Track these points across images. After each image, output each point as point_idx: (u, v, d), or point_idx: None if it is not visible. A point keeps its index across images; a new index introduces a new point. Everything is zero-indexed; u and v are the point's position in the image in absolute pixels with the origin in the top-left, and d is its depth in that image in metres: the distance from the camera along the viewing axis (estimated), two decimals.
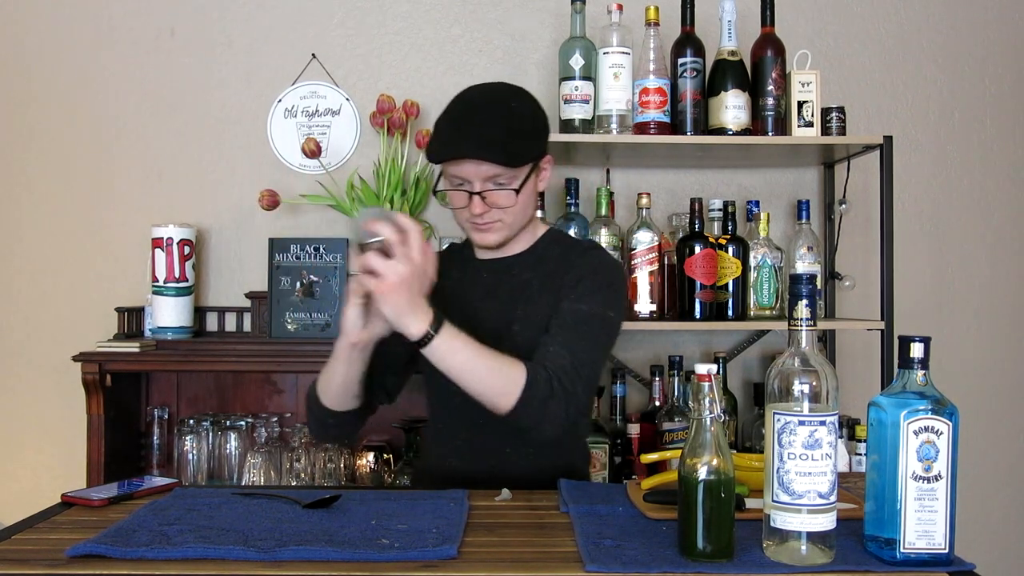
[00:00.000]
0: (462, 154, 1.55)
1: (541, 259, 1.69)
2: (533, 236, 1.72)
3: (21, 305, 2.60)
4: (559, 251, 1.70)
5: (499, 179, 1.56)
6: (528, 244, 1.71)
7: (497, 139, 1.54)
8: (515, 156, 1.55)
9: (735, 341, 2.62)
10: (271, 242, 2.46)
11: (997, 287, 2.72)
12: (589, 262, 1.66)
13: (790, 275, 1.19)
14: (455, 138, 1.56)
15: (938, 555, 1.09)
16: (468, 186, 1.57)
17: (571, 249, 1.71)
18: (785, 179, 2.67)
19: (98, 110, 2.60)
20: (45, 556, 1.14)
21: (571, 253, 1.69)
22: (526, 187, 1.59)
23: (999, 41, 2.72)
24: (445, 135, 1.58)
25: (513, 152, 1.55)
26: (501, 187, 1.57)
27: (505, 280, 1.69)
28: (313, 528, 1.23)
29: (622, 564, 1.09)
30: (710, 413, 1.12)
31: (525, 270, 1.68)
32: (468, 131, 1.55)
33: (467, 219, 1.62)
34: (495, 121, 1.57)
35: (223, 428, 2.39)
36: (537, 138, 1.62)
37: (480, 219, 1.59)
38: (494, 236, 1.63)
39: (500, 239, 1.64)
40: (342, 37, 2.61)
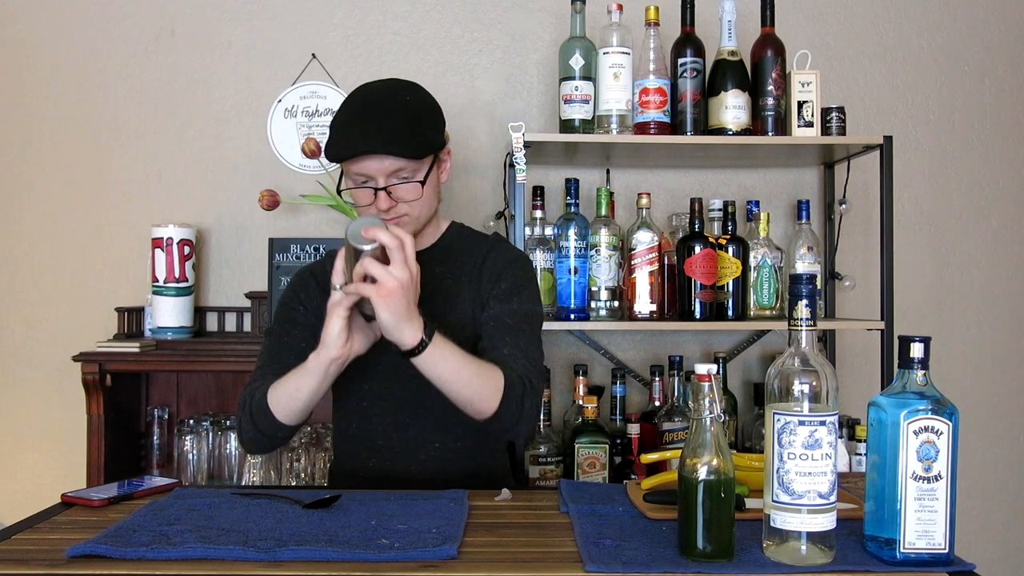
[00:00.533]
0: (364, 150, 1.54)
1: (449, 252, 1.70)
2: (437, 230, 1.73)
3: (21, 305, 2.60)
4: (466, 244, 1.72)
5: (402, 173, 1.56)
6: (434, 238, 1.72)
7: (398, 132, 1.54)
8: (417, 148, 1.56)
9: (735, 341, 2.62)
10: (271, 242, 2.46)
11: (997, 287, 2.72)
12: (504, 257, 1.69)
13: (790, 275, 1.19)
14: (355, 135, 1.55)
15: (938, 555, 1.09)
16: (372, 183, 1.57)
17: (478, 242, 1.73)
18: (785, 179, 2.67)
19: (98, 110, 2.60)
20: (45, 556, 1.14)
21: (480, 246, 1.71)
22: (430, 179, 1.60)
23: (999, 41, 2.72)
24: (344, 133, 1.57)
25: (415, 144, 1.55)
26: (405, 180, 1.57)
27: None
28: (313, 528, 1.23)
29: (622, 564, 1.09)
30: (710, 413, 1.12)
31: (434, 264, 1.68)
32: (368, 127, 1.55)
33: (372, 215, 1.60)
34: (393, 115, 1.57)
35: (223, 428, 2.39)
36: (437, 128, 1.63)
37: (387, 214, 1.58)
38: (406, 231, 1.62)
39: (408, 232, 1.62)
40: (342, 37, 2.61)
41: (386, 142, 1.53)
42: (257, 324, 2.49)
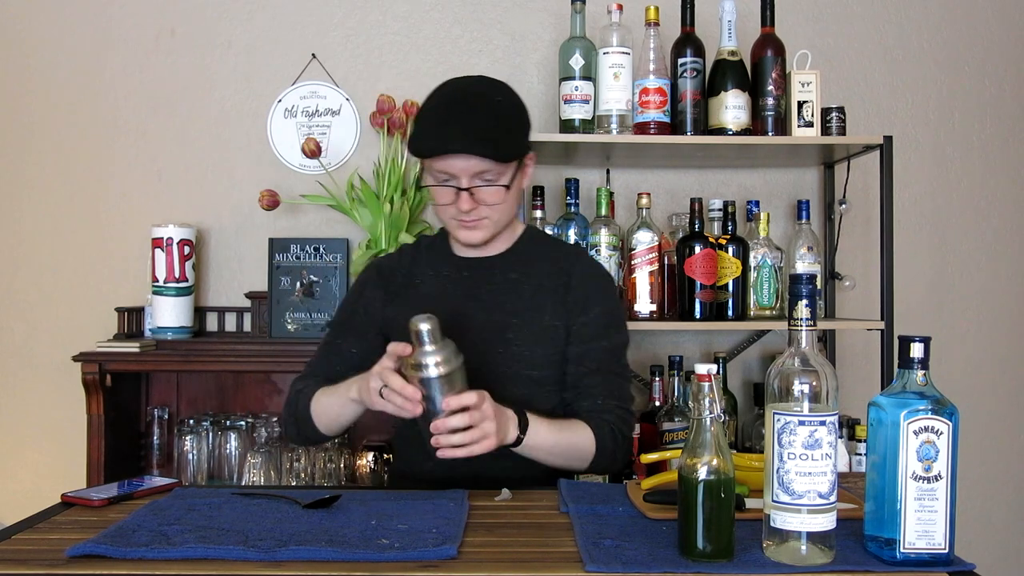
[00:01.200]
0: (451, 149, 1.51)
1: (526, 259, 1.67)
2: (513, 234, 1.70)
3: (21, 305, 2.60)
4: (543, 251, 1.69)
5: (487, 175, 1.53)
6: (510, 243, 1.69)
7: (487, 133, 1.51)
8: (505, 151, 1.52)
9: (735, 341, 2.62)
10: (271, 242, 2.46)
11: (997, 287, 2.72)
12: (591, 280, 1.66)
13: (790, 275, 1.19)
14: (443, 133, 1.52)
15: (938, 555, 1.09)
16: (455, 182, 1.54)
17: (558, 251, 1.70)
18: (785, 179, 2.67)
19: (98, 110, 2.60)
20: (45, 556, 1.14)
21: (560, 256, 1.68)
22: (514, 184, 1.57)
23: (999, 41, 2.72)
24: (431, 129, 1.54)
25: (502, 147, 1.52)
26: (489, 183, 1.54)
27: (489, 280, 1.65)
28: (313, 528, 1.23)
29: (622, 564, 1.09)
30: (710, 413, 1.12)
31: (510, 271, 1.65)
32: (456, 125, 1.51)
33: (452, 216, 1.58)
34: (483, 115, 1.53)
35: (223, 428, 2.39)
36: (524, 133, 1.60)
37: (467, 216, 1.56)
38: (480, 233, 1.60)
39: (487, 236, 1.61)
40: (342, 37, 2.61)
41: (474, 143, 1.50)
42: (257, 324, 2.49)
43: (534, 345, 1.60)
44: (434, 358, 1.31)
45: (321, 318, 2.42)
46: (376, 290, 1.69)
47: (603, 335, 1.62)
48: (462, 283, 1.66)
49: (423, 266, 1.69)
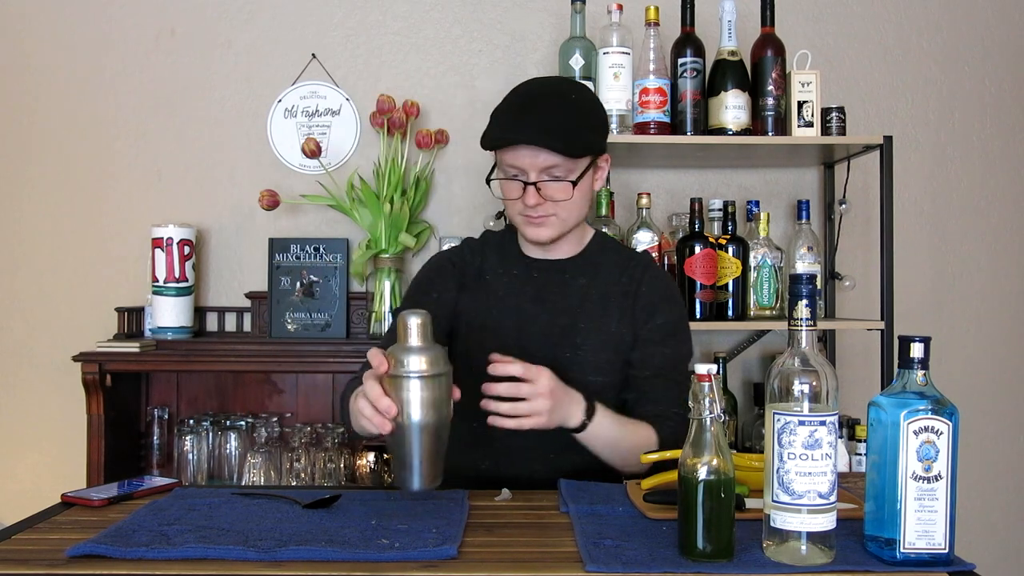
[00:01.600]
0: (520, 140, 1.49)
1: (594, 265, 1.66)
2: (583, 239, 1.68)
3: (21, 305, 2.60)
4: (613, 259, 1.68)
5: (555, 171, 1.52)
6: (579, 247, 1.67)
7: (557, 128, 1.50)
8: (574, 146, 1.51)
9: (735, 341, 2.62)
10: (271, 242, 2.46)
11: (997, 287, 2.72)
12: (660, 289, 1.65)
13: (790, 275, 1.19)
14: (514, 125, 1.51)
15: (938, 555, 1.09)
16: (523, 176, 1.53)
17: (627, 259, 1.69)
18: (785, 179, 2.67)
19: (98, 110, 2.60)
20: (45, 556, 1.14)
21: (630, 265, 1.67)
22: (583, 182, 1.55)
23: (999, 41, 2.72)
24: (503, 122, 1.53)
25: (572, 142, 1.50)
26: (557, 179, 1.52)
27: (558, 283, 1.64)
28: (313, 528, 1.23)
29: (622, 564, 1.09)
30: (710, 413, 1.12)
31: (579, 275, 1.64)
32: (528, 119, 1.51)
33: (520, 211, 1.56)
34: (556, 110, 1.52)
35: (223, 428, 2.39)
36: (597, 132, 1.58)
37: (534, 211, 1.54)
38: (547, 231, 1.58)
39: (553, 234, 1.59)
40: (342, 37, 2.61)
41: (542, 135, 1.49)
42: (257, 324, 2.49)
43: (600, 351, 1.60)
44: (418, 357, 1.19)
45: (321, 318, 2.42)
46: (451, 280, 1.66)
47: (667, 342, 1.62)
48: (531, 284, 1.65)
49: (492, 262, 1.68)
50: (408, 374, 1.18)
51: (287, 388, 2.52)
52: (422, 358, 1.18)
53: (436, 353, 1.20)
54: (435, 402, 1.19)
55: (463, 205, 2.60)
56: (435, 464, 1.21)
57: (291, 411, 2.51)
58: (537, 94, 1.56)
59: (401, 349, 1.19)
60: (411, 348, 1.19)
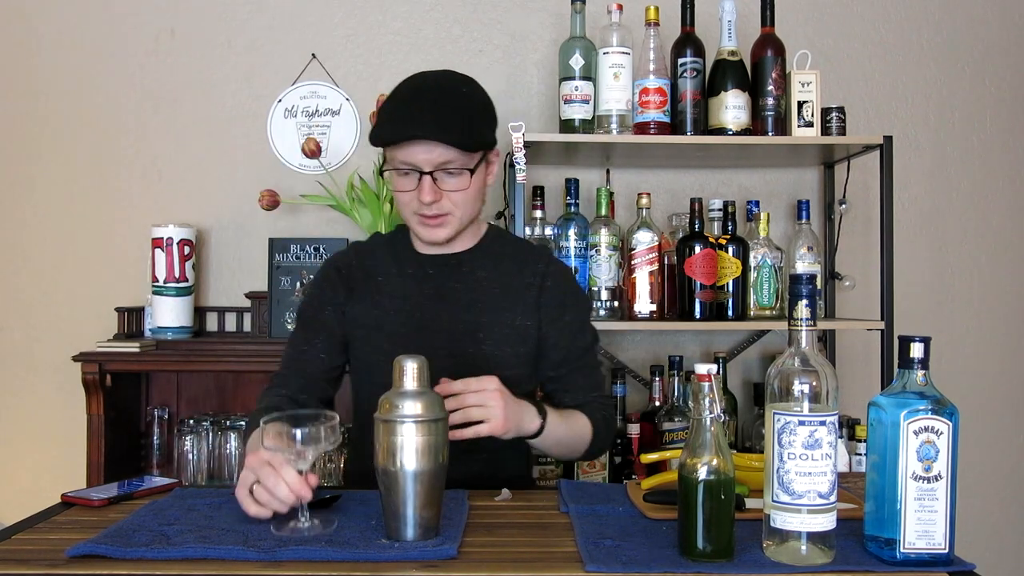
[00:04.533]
0: (416, 135, 1.48)
1: (492, 257, 1.65)
2: (478, 232, 1.68)
3: (21, 305, 2.60)
4: (510, 250, 1.68)
5: (450, 166, 1.51)
6: (475, 240, 1.67)
7: (451, 122, 1.49)
8: (469, 140, 1.50)
9: (735, 341, 2.62)
10: (271, 242, 2.46)
11: (997, 287, 2.72)
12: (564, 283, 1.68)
13: (790, 275, 1.19)
14: (407, 120, 1.49)
15: (938, 555, 1.09)
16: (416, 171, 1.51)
17: (527, 252, 1.70)
18: (785, 179, 2.67)
19: (98, 110, 2.60)
20: (45, 556, 1.14)
21: (531, 259, 1.67)
22: (476, 177, 1.54)
23: (999, 41, 2.72)
24: (395, 117, 1.52)
25: (467, 136, 1.50)
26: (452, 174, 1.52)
27: (456, 278, 1.63)
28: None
29: (622, 564, 1.09)
30: (710, 413, 1.12)
31: (477, 268, 1.64)
32: (421, 113, 1.49)
33: (415, 210, 1.55)
34: (448, 104, 1.52)
35: (223, 428, 2.39)
36: (489, 126, 1.58)
37: (429, 210, 1.53)
38: (444, 231, 1.57)
39: (450, 234, 1.58)
40: (342, 37, 2.61)
41: (438, 129, 1.48)
42: (257, 324, 2.49)
43: (504, 344, 1.59)
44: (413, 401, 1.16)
45: None
46: (339, 287, 1.64)
47: (578, 337, 1.66)
48: (429, 281, 1.63)
49: (384, 264, 1.65)
50: (403, 419, 1.15)
51: None
52: (417, 403, 1.16)
53: (431, 398, 1.18)
54: (430, 448, 1.16)
55: None
56: (431, 513, 1.18)
57: None
58: (428, 88, 1.55)
59: (396, 393, 1.17)
60: (406, 392, 1.17)
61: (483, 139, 1.54)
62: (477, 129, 1.53)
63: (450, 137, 1.48)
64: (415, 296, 1.62)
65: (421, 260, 1.65)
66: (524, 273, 1.64)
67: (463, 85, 1.58)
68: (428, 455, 1.16)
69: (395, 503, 1.16)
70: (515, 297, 1.62)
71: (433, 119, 1.48)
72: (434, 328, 1.58)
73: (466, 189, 1.53)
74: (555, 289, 1.64)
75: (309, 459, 1.22)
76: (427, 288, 1.62)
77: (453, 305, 1.61)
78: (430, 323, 1.58)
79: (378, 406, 1.18)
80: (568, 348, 1.64)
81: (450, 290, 1.62)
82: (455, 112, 1.51)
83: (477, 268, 1.63)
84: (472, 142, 1.51)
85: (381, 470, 1.17)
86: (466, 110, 1.53)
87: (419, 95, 1.53)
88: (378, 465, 1.17)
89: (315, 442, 1.21)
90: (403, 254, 1.66)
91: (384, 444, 1.16)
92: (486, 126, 1.57)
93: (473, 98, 1.57)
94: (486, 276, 1.63)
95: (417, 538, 1.16)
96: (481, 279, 1.63)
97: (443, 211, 1.54)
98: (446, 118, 1.49)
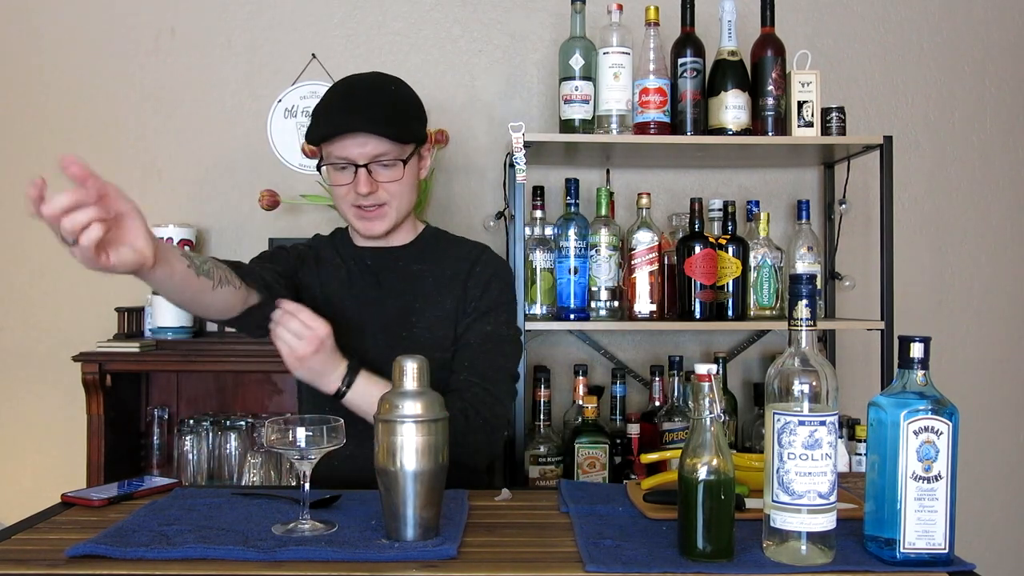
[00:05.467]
0: (350, 128, 1.54)
1: (429, 251, 1.70)
2: (415, 229, 1.74)
3: (21, 305, 2.60)
4: (447, 246, 1.72)
5: (384, 159, 1.57)
6: (412, 235, 1.72)
7: (383, 116, 1.56)
8: (400, 132, 1.56)
9: (735, 341, 2.62)
10: (271, 242, 2.45)
11: (997, 287, 2.72)
12: (490, 270, 1.68)
13: (790, 275, 1.19)
14: (339, 116, 1.56)
15: (938, 555, 1.09)
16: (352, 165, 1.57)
17: (464, 246, 1.72)
18: (785, 179, 2.67)
19: (98, 110, 2.60)
20: (45, 556, 1.14)
21: (467, 251, 1.70)
22: (410, 166, 1.60)
23: (999, 41, 2.72)
24: (328, 115, 1.58)
25: (398, 128, 1.56)
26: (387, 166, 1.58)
27: (393, 270, 1.68)
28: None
29: (622, 564, 1.09)
30: (710, 413, 1.12)
31: (413, 261, 1.69)
32: (353, 109, 1.56)
33: (352, 202, 1.60)
34: (378, 99, 1.58)
35: (223, 428, 2.39)
36: (419, 120, 1.65)
37: (366, 200, 1.58)
38: (381, 224, 1.62)
39: (387, 227, 1.63)
40: (342, 37, 2.61)
41: (370, 123, 1.54)
42: None
43: (435, 328, 1.63)
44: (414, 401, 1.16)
45: None
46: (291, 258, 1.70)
47: (486, 319, 1.62)
48: (367, 272, 1.69)
49: (327, 255, 1.73)
50: (403, 418, 1.15)
51: (287, 388, 2.52)
52: (417, 403, 1.16)
53: (431, 398, 1.18)
54: (430, 448, 1.16)
55: (463, 205, 2.60)
56: (431, 513, 1.17)
57: (291, 411, 2.50)
58: (359, 87, 1.62)
59: (395, 393, 1.17)
60: (406, 392, 1.17)
61: (413, 132, 1.61)
62: (407, 122, 1.60)
63: (382, 129, 1.55)
64: (356, 283, 1.68)
65: (361, 252, 1.71)
66: (458, 262, 1.69)
67: (391, 83, 1.65)
68: (428, 455, 1.16)
69: (395, 503, 1.16)
70: (447, 284, 1.66)
71: (365, 114, 1.55)
72: (369, 314, 1.63)
73: (400, 180, 1.60)
74: (482, 274, 1.67)
75: (313, 460, 1.23)
76: (367, 277, 1.69)
77: (388, 292, 1.67)
78: (365, 308, 1.64)
79: (377, 406, 1.19)
80: (469, 327, 1.62)
81: (386, 280, 1.68)
82: (385, 107, 1.58)
83: (412, 262, 1.69)
84: (403, 133, 1.57)
85: (381, 470, 1.17)
86: (395, 105, 1.60)
87: (350, 93, 1.60)
88: (378, 465, 1.17)
89: (318, 443, 1.23)
90: (344, 249, 1.73)
91: (384, 444, 1.16)
92: (416, 120, 1.64)
93: (401, 94, 1.64)
94: (421, 268, 1.68)
95: (417, 538, 1.16)
96: (417, 271, 1.68)
97: (380, 201, 1.60)
98: (376, 113, 1.56)
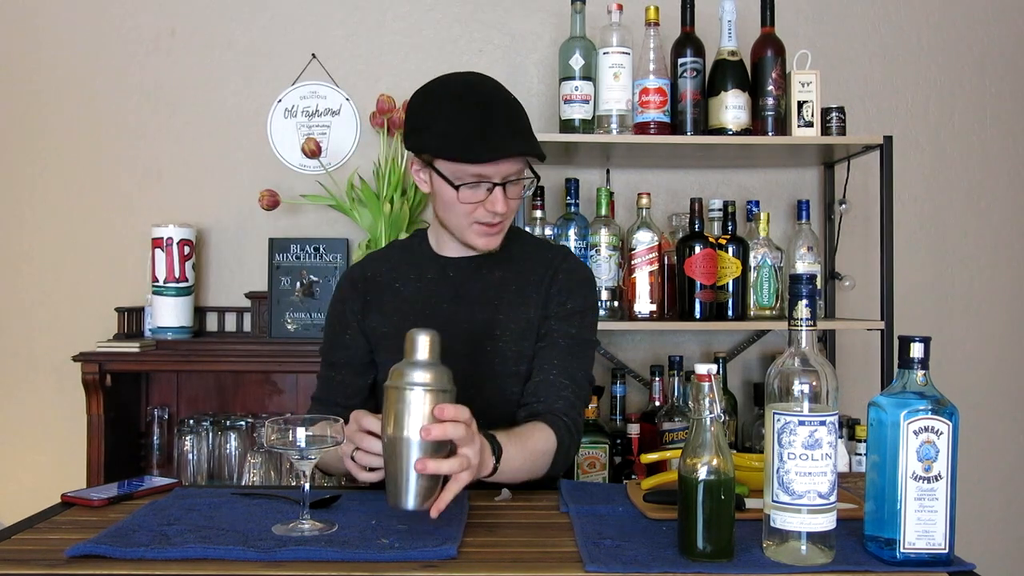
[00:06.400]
0: (510, 152, 1.46)
1: (511, 256, 1.64)
2: None
3: (21, 305, 2.60)
4: (528, 250, 1.67)
5: (516, 176, 1.51)
6: None
7: (533, 137, 1.51)
8: (540, 150, 1.50)
9: (735, 341, 2.62)
10: (271, 242, 2.46)
11: (997, 287, 2.72)
12: (575, 276, 1.63)
13: (790, 275, 1.19)
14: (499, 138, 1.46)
15: (938, 555, 1.09)
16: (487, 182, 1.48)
17: (544, 250, 1.67)
18: (785, 179, 2.67)
19: (98, 110, 2.60)
20: (45, 556, 1.14)
21: (548, 256, 1.65)
22: None
23: (999, 41, 2.72)
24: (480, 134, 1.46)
25: (538, 146, 1.51)
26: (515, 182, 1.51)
27: (475, 279, 1.62)
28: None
29: (622, 564, 1.09)
30: (710, 413, 1.12)
31: (495, 268, 1.63)
32: (515, 133, 1.48)
33: (477, 219, 1.52)
34: (523, 118, 1.52)
35: (223, 428, 2.39)
36: None
37: (494, 219, 1.51)
38: (500, 238, 1.57)
39: (502, 239, 1.59)
40: (342, 37, 2.61)
41: (527, 145, 1.48)
42: (257, 324, 2.49)
43: (520, 340, 1.59)
44: (423, 371, 1.16)
45: (321, 318, 2.42)
46: (355, 304, 1.64)
47: (572, 321, 1.60)
48: (448, 283, 1.63)
49: (403, 270, 1.65)
50: (411, 385, 1.16)
51: (287, 388, 2.52)
52: (427, 373, 1.17)
53: (442, 370, 1.18)
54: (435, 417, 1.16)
55: None
56: (430, 482, 1.17)
57: (291, 411, 2.50)
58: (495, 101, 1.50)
59: (406, 363, 1.17)
60: (416, 362, 1.17)
61: None
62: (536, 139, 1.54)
63: (536, 151, 1.48)
64: (434, 298, 1.62)
65: (443, 263, 1.64)
66: (539, 269, 1.63)
67: (513, 96, 1.55)
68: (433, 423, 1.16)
69: (397, 470, 1.16)
70: (530, 291, 1.62)
71: (518, 136, 1.48)
72: (453, 329, 1.55)
73: (521, 196, 1.56)
74: (566, 280, 1.62)
75: (313, 460, 1.24)
76: (446, 290, 1.62)
77: (471, 304, 1.60)
78: (447, 324, 1.55)
79: (388, 375, 1.19)
80: (553, 327, 1.59)
81: (468, 291, 1.62)
82: (528, 127, 1.52)
83: (495, 268, 1.63)
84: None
85: (386, 437, 1.17)
86: (527, 119, 1.53)
87: (491, 109, 1.48)
88: (384, 432, 1.17)
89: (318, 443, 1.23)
90: (424, 258, 1.66)
91: (392, 411, 1.16)
92: None
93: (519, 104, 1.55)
94: (502, 275, 1.63)
95: (416, 507, 1.16)
96: (499, 278, 1.62)
97: (506, 218, 1.55)
98: (530, 135, 1.50)
